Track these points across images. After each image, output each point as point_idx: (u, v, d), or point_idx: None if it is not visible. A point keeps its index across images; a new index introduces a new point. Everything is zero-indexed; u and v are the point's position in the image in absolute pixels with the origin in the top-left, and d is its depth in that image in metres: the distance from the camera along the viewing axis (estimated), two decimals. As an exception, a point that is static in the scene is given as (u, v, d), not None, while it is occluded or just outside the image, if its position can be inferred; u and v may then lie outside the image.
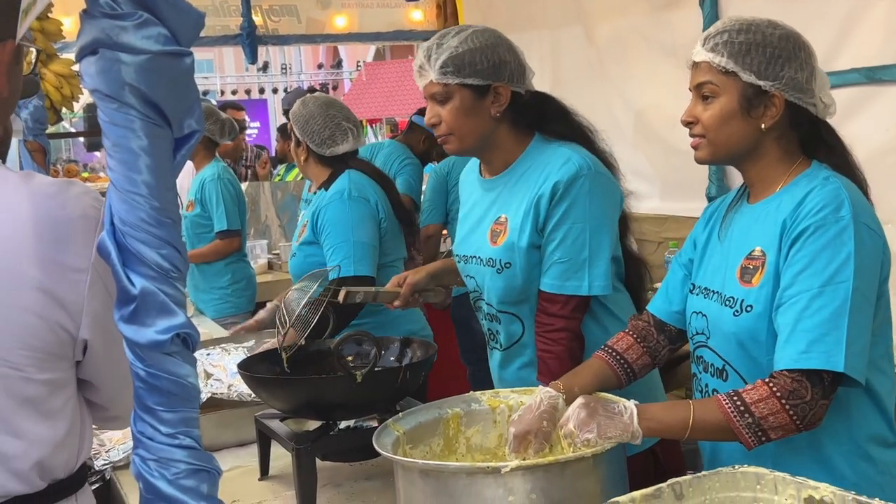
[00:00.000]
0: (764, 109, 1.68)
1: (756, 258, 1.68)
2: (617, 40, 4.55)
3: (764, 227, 1.69)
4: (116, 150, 0.98)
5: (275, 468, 2.30)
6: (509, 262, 2.10)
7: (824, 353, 1.54)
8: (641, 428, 1.60)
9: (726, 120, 1.70)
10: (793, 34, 1.70)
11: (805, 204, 1.63)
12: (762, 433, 1.57)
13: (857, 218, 1.59)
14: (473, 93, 2.06)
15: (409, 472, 1.65)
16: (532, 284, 2.09)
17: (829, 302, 1.56)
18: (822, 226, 1.59)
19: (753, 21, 1.70)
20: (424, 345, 2.37)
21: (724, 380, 1.75)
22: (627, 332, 1.94)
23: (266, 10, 5.80)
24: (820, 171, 1.70)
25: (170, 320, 1.00)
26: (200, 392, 1.08)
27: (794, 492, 1.35)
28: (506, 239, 2.11)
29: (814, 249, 1.58)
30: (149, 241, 0.99)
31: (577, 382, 1.81)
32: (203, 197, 4.70)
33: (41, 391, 1.22)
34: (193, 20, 0.99)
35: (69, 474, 1.30)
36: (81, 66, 0.98)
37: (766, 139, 1.71)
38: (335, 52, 22.88)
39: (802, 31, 3.39)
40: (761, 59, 1.67)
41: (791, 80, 1.66)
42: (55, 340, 1.21)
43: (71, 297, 1.21)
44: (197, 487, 1.04)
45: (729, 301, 1.71)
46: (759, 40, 1.67)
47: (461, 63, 2.04)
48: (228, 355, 2.70)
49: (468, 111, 2.07)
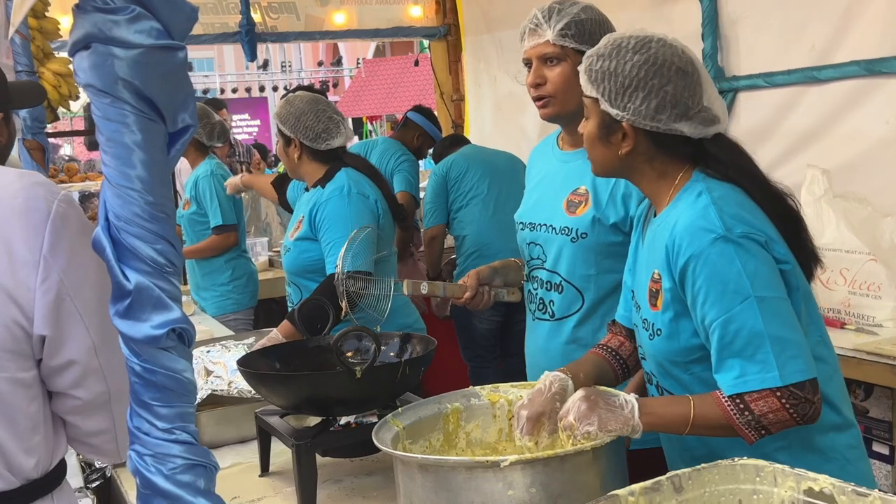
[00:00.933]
0: (622, 136, 1.70)
1: (657, 281, 1.70)
2: (615, 34, 4.54)
3: (657, 249, 1.69)
4: (110, 144, 0.98)
5: (275, 464, 2.30)
6: (586, 233, 2.13)
7: (758, 374, 1.55)
8: (642, 422, 1.60)
9: (593, 142, 1.75)
10: (654, 59, 1.66)
11: (676, 230, 1.63)
12: (763, 428, 1.57)
13: (731, 231, 1.58)
14: None
15: (408, 467, 1.65)
16: (604, 260, 2.11)
17: (742, 323, 1.56)
18: (700, 254, 1.59)
19: (621, 44, 1.68)
20: (424, 340, 2.37)
21: (659, 393, 1.78)
22: (616, 333, 1.96)
23: (265, 7, 5.80)
24: (696, 184, 1.68)
25: (165, 315, 1.00)
26: (196, 387, 1.07)
27: (793, 483, 1.35)
28: (587, 210, 2.14)
29: (705, 278, 1.58)
30: (143, 235, 0.98)
31: (581, 369, 1.82)
32: (198, 194, 4.73)
33: (2, 389, 1.20)
34: (186, 14, 0.99)
35: (43, 474, 1.29)
36: (74, 62, 0.98)
37: (634, 162, 1.72)
38: (335, 50, 22.87)
39: (802, 25, 3.36)
40: (612, 88, 1.67)
41: (636, 110, 1.65)
42: (10, 337, 1.19)
43: (21, 290, 1.19)
44: (194, 482, 1.03)
45: (645, 323, 1.74)
46: (613, 68, 1.67)
47: (582, 30, 2.10)
48: (228, 352, 2.70)
49: (577, 77, 2.09)
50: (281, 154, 3.13)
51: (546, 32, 2.11)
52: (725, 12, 3.96)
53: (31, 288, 1.20)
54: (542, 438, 1.69)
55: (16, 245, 1.19)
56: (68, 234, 1.21)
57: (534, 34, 2.14)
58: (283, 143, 3.09)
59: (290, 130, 3.04)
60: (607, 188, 2.13)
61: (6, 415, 1.22)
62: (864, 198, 3.02)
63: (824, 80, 3.49)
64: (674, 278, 1.64)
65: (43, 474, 1.28)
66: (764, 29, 3.80)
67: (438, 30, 6.21)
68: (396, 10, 6.17)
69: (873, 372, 2.69)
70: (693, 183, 1.69)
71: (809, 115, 3.57)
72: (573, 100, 2.08)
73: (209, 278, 4.79)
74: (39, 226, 1.21)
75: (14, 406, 1.23)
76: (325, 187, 3.03)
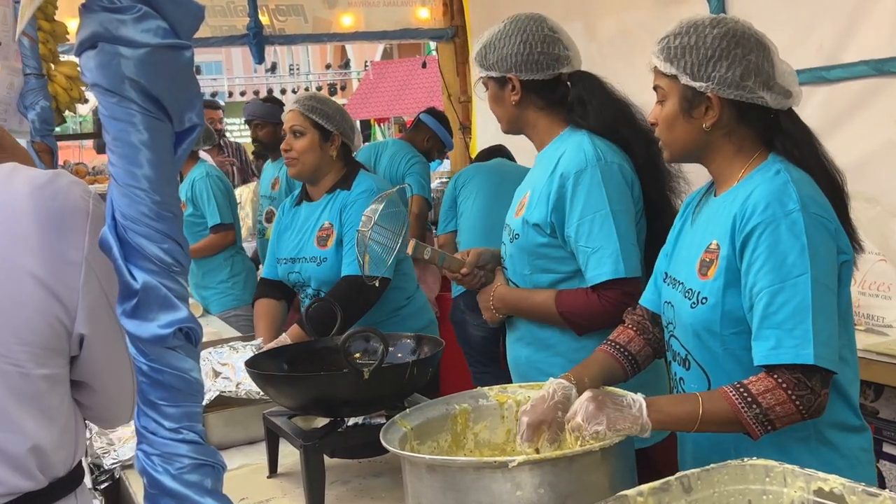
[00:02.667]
0: (704, 110, 1.71)
1: (712, 251, 1.71)
2: (621, 36, 4.53)
3: (720, 221, 1.71)
4: (117, 144, 0.98)
5: (283, 465, 2.30)
6: (518, 234, 2.26)
7: (793, 348, 1.56)
8: (651, 421, 1.60)
9: (671, 123, 1.75)
10: (733, 31, 1.70)
11: (751, 200, 1.64)
12: (769, 423, 1.58)
13: (807, 209, 1.60)
14: (495, 84, 2.30)
15: (416, 468, 1.65)
16: (535, 261, 2.25)
17: (791, 297, 1.57)
18: (772, 222, 1.60)
19: (697, 22, 1.72)
20: (432, 341, 2.37)
21: (686, 369, 1.79)
22: (627, 326, 1.97)
23: (272, 9, 5.80)
24: (773, 164, 1.71)
25: (172, 314, 0.99)
26: (203, 387, 1.07)
27: (803, 484, 1.34)
28: (522, 213, 2.26)
29: (768, 246, 1.60)
30: (150, 235, 0.98)
31: (586, 374, 1.82)
32: (194, 195, 4.78)
33: (40, 387, 1.22)
34: (193, 13, 0.99)
35: (68, 471, 1.30)
36: (81, 61, 0.98)
37: (714, 137, 1.73)
38: (343, 53, 22.89)
39: (810, 25, 3.38)
40: (694, 61, 1.69)
41: (722, 79, 1.67)
42: (52, 335, 1.21)
43: (66, 290, 1.21)
44: (201, 482, 1.03)
45: (688, 293, 1.74)
46: (693, 42, 1.69)
47: (481, 57, 2.30)
48: (236, 353, 2.70)
49: (495, 99, 2.32)
50: (313, 149, 2.98)
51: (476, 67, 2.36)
52: (732, 12, 3.94)
53: (75, 288, 1.22)
54: (543, 446, 1.69)
55: (59, 246, 1.21)
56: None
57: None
58: (321, 139, 2.99)
59: (335, 127, 2.99)
60: (538, 190, 2.22)
61: (45, 413, 1.24)
62: (873, 198, 3.01)
63: (833, 80, 3.47)
64: (734, 245, 1.65)
65: (67, 472, 1.29)
66: (771, 29, 3.77)
67: (446, 31, 6.20)
68: (404, 12, 6.17)
69: (883, 373, 2.67)
70: (769, 164, 1.71)
71: (818, 115, 3.54)
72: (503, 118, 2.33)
73: (209, 277, 4.85)
74: (81, 226, 1.23)
75: (51, 403, 1.25)
76: (352, 189, 2.98)
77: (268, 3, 5.73)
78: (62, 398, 1.27)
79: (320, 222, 3.00)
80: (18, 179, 1.24)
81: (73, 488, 1.31)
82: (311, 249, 3.00)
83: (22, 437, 1.21)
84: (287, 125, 3.01)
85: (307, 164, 3.00)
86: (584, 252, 2.13)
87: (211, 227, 4.78)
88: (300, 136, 2.98)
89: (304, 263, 3.01)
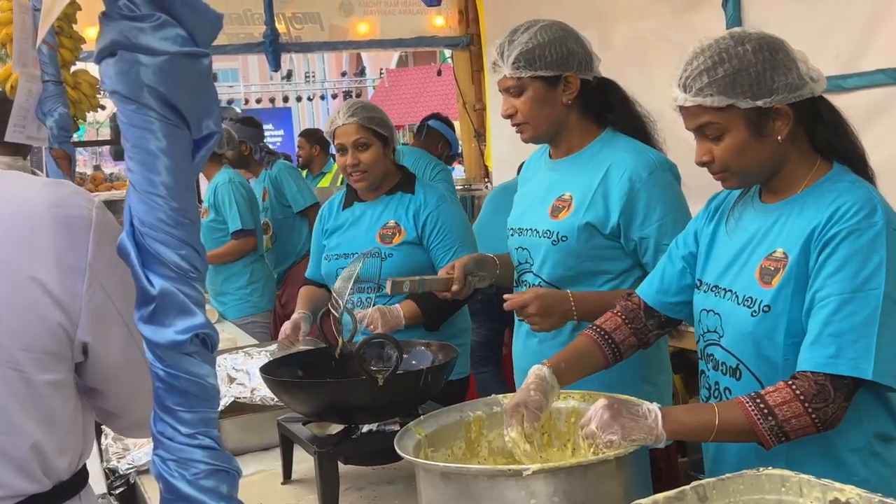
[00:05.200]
0: (774, 123, 1.67)
1: (777, 259, 1.68)
2: (636, 43, 4.54)
3: (787, 229, 1.69)
4: (135, 151, 0.98)
5: (297, 472, 2.30)
6: (566, 236, 2.22)
7: (852, 360, 1.54)
8: (666, 431, 1.59)
9: (743, 150, 1.69)
10: (762, 41, 1.68)
11: (835, 206, 1.62)
12: (783, 435, 1.57)
13: (890, 224, 1.60)
14: (545, 83, 2.21)
15: (430, 475, 1.65)
16: (584, 263, 2.20)
17: (860, 308, 1.55)
18: (854, 230, 1.58)
19: (722, 47, 1.67)
20: (446, 348, 2.37)
21: (737, 378, 1.75)
22: (615, 313, 1.95)
23: (289, 17, 5.84)
24: (844, 174, 1.70)
25: (189, 320, 1.00)
26: (219, 392, 1.08)
27: (819, 494, 1.33)
28: (569, 214, 2.23)
29: (846, 254, 1.58)
30: (168, 241, 0.99)
31: (564, 357, 1.85)
32: (216, 201, 4.80)
33: (43, 391, 1.22)
34: (211, 21, 0.99)
35: (72, 475, 1.30)
36: (101, 68, 0.99)
37: (786, 145, 1.70)
38: (358, 60, 22.96)
39: (827, 33, 3.37)
40: (751, 83, 1.64)
41: (785, 86, 1.65)
42: (54, 340, 1.21)
43: (69, 297, 1.21)
44: (217, 488, 1.04)
45: (746, 301, 1.70)
46: (738, 66, 1.65)
47: (532, 57, 2.19)
48: (251, 359, 2.71)
49: (542, 101, 2.23)
50: (379, 159, 2.93)
51: (503, 67, 2.23)
52: (748, 20, 3.94)
53: (77, 294, 1.22)
54: (530, 431, 1.70)
55: (63, 253, 1.21)
56: (108, 240, 1.23)
57: (495, 70, 2.28)
58: (382, 147, 2.94)
59: (390, 132, 2.96)
60: (587, 192, 2.22)
61: (47, 417, 1.24)
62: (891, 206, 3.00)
63: (850, 89, 3.46)
64: (808, 252, 1.63)
65: (71, 476, 1.30)
66: (788, 37, 3.76)
67: (461, 39, 6.22)
68: (419, 20, 6.19)
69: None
70: (839, 173, 1.70)
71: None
72: (544, 121, 2.25)
73: (228, 282, 4.86)
74: (83, 234, 1.23)
75: (54, 408, 1.25)
76: (416, 193, 2.96)
77: (284, 10, 5.76)
78: (65, 402, 1.27)
79: (383, 220, 2.96)
80: (22, 185, 1.24)
81: (78, 491, 1.32)
82: (382, 247, 2.94)
83: (24, 439, 1.21)
84: (347, 140, 2.91)
85: (376, 174, 2.95)
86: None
87: (232, 233, 4.80)
88: (365, 148, 2.91)
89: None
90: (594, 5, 4.76)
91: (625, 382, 2.08)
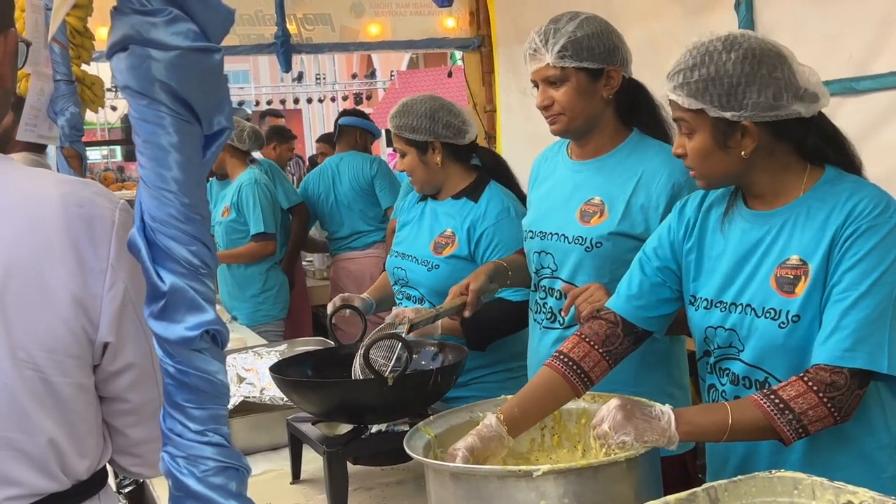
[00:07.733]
0: (740, 138, 1.65)
1: (795, 267, 1.65)
2: (649, 44, 4.51)
3: (797, 235, 1.67)
4: (147, 146, 0.98)
5: (307, 472, 2.30)
6: (600, 243, 2.16)
7: (868, 354, 1.54)
8: (679, 433, 1.58)
9: (706, 156, 1.69)
10: (751, 51, 1.64)
11: (855, 206, 1.62)
12: (802, 428, 1.56)
13: None
14: (588, 76, 2.16)
15: (440, 476, 1.64)
16: (620, 269, 2.06)
17: (876, 302, 1.56)
18: (873, 226, 1.59)
19: (709, 49, 1.66)
20: (456, 348, 2.36)
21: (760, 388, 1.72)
22: (583, 338, 1.84)
23: (300, 18, 5.84)
24: (842, 174, 1.69)
25: (199, 317, 0.99)
26: (229, 389, 1.07)
27: (832, 497, 1.32)
28: (603, 220, 2.16)
29: (865, 249, 1.58)
30: (178, 237, 0.98)
31: (517, 403, 1.79)
32: (240, 201, 4.72)
33: (64, 393, 1.23)
34: (223, 16, 0.99)
35: (92, 474, 1.30)
36: (112, 63, 0.98)
37: (755, 160, 1.68)
38: (369, 62, 22.97)
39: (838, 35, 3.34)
40: (721, 92, 1.63)
41: (756, 104, 1.62)
42: (75, 342, 1.22)
43: (90, 298, 1.21)
44: (226, 485, 1.03)
45: (769, 313, 1.67)
46: (713, 73, 1.63)
47: (579, 48, 2.14)
48: (261, 359, 2.71)
49: (583, 93, 2.17)
50: (417, 166, 2.75)
51: (545, 56, 2.15)
52: (761, 22, 3.92)
53: (98, 296, 1.23)
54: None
55: (85, 254, 1.22)
56: None
57: (534, 58, 2.19)
58: (419, 153, 2.73)
59: (427, 134, 2.69)
60: (622, 197, 2.16)
61: (68, 419, 1.25)
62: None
63: (863, 91, 3.43)
64: (831, 255, 1.61)
65: (90, 476, 1.30)
66: (800, 39, 3.75)
67: (472, 41, 6.21)
68: (430, 21, 6.18)
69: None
70: (835, 176, 1.69)
71: (848, 126, 3.49)
72: (581, 113, 2.18)
73: (242, 288, 4.78)
74: (106, 235, 1.24)
75: (75, 411, 1.26)
76: (479, 202, 2.71)
77: (296, 12, 5.77)
78: (87, 406, 1.28)
79: (441, 226, 2.77)
80: (44, 185, 1.25)
81: (97, 490, 1.32)
82: (424, 252, 2.77)
83: (42, 437, 1.22)
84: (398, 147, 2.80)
85: (421, 180, 2.78)
86: None
87: (252, 236, 4.73)
88: (403, 156, 2.78)
89: (412, 263, 2.79)
90: (607, 6, 4.73)
91: (657, 389, 2.06)
